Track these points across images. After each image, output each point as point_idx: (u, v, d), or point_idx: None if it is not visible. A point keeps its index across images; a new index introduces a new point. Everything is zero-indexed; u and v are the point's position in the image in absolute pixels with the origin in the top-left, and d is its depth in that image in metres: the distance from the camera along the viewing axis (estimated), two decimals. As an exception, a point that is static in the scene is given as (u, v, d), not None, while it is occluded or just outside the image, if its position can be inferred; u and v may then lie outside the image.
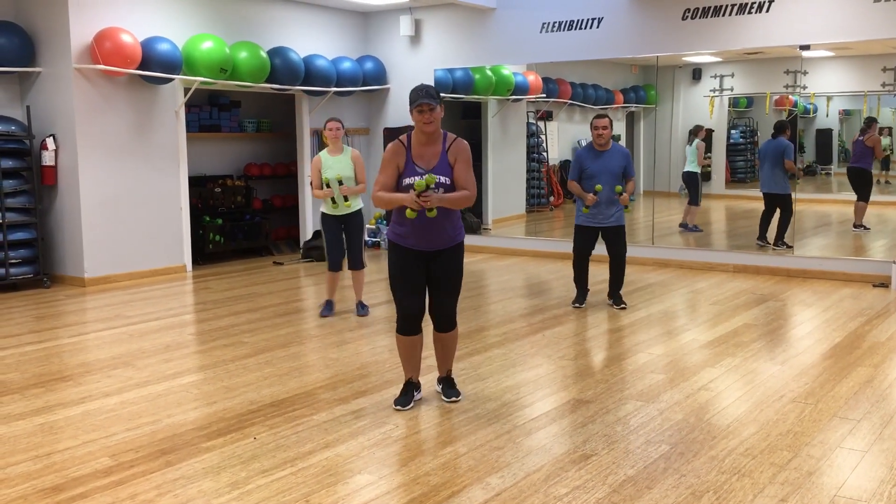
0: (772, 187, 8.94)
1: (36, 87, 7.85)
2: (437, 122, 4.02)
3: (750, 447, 3.67)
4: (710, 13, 8.33)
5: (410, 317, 4.18)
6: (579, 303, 6.76)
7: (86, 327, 6.21)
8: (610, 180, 6.45)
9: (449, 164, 4.07)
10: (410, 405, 4.25)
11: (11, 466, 3.50)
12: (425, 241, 4.11)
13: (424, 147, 4.07)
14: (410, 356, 4.30)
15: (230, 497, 3.19)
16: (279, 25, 9.45)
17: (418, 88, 4.02)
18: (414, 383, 4.34)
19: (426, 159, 4.06)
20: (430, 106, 3.97)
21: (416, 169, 4.03)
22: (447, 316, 4.26)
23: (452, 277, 4.21)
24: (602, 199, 6.50)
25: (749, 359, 5.13)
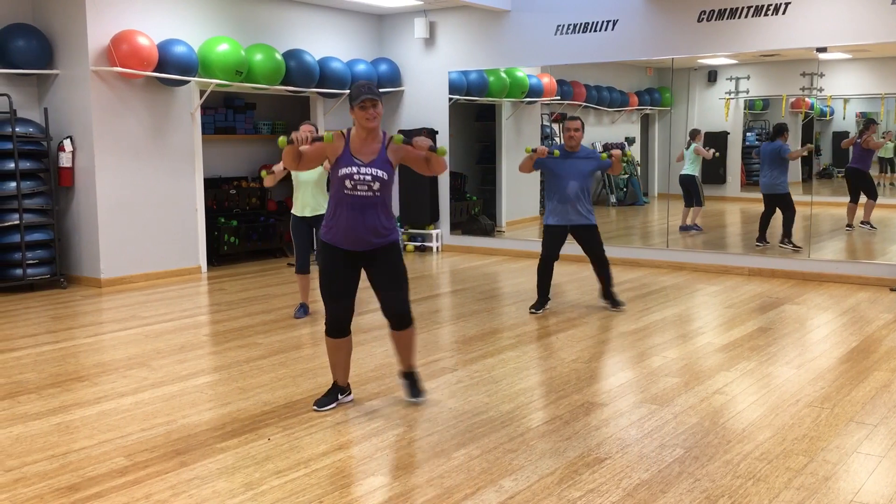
0: (771, 188, 9.03)
1: (54, 90, 7.92)
2: (379, 117, 4.04)
3: (765, 452, 3.65)
4: (725, 15, 8.30)
5: (335, 320, 4.16)
6: (537, 309, 6.61)
7: (102, 328, 6.25)
8: (579, 180, 6.44)
9: (388, 160, 4.07)
10: (332, 406, 4.23)
11: (28, 465, 3.53)
12: (357, 241, 4.08)
13: (364, 143, 4.07)
14: (337, 359, 4.27)
15: (244, 498, 3.21)
16: (294, 28, 9.48)
17: (360, 84, 4.05)
18: (340, 386, 4.31)
19: (365, 154, 4.06)
20: (372, 102, 3.98)
21: (355, 160, 4.02)
22: (400, 313, 4.22)
23: (393, 272, 4.17)
24: (571, 195, 6.45)
25: (764, 363, 5.10)
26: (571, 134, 6.44)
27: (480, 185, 11.32)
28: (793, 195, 9.07)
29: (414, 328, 4.32)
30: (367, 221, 4.04)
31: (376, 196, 4.04)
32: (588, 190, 6.58)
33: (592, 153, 6.57)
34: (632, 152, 11.72)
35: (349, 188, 4.01)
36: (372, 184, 4.01)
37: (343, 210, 4.04)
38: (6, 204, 7.47)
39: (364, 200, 4.02)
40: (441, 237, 10.42)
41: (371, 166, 4.02)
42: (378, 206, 4.06)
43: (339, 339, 4.23)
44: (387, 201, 4.12)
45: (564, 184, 6.43)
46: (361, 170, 4.01)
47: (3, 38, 7.54)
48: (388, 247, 4.15)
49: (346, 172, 4.01)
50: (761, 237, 9.13)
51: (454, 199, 10.57)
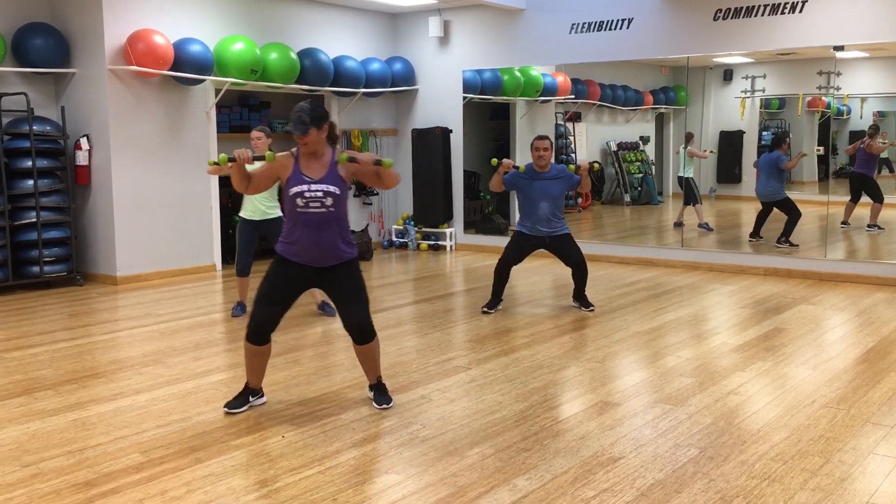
0: (768, 197, 9.25)
1: (70, 88, 7.97)
2: (311, 143, 3.99)
3: (780, 452, 3.63)
4: (741, 13, 8.25)
5: (259, 327, 4.12)
6: (489, 308, 6.56)
7: (117, 325, 6.29)
8: (550, 202, 6.40)
9: (339, 175, 4.04)
10: (244, 408, 4.21)
11: (45, 461, 3.56)
12: (315, 257, 4.06)
13: (311, 160, 4.06)
14: (253, 364, 4.23)
15: (259, 495, 3.22)
16: (309, 27, 9.51)
17: (293, 111, 3.98)
18: (252, 389, 4.28)
19: (314, 171, 4.04)
20: (300, 133, 3.93)
21: (304, 178, 4.01)
22: (361, 329, 4.18)
23: (352, 288, 4.14)
24: (543, 217, 6.42)
25: (780, 363, 5.07)
26: (541, 153, 6.39)
27: (494, 184, 11.31)
28: (809, 195, 9.05)
29: (376, 342, 4.28)
30: (323, 239, 4.03)
31: (330, 212, 4.01)
32: (561, 208, 6.55)
33: (562, 172, 6.49)
34: (646, 152, 11.70)
35: (301, 206, 4.00)
36: (324, 199, 3.99)
37: (299, 229, 4.03)
38: (24, 202, 7.53)
39: (319, 217, 4.00)
40: (455, 236, 10.42)
41: (322, 182, 4.00)
42: (333, 222, 4.04)
43: (259, 347, 4.17)
44: (342, 217, 4.10)
45: (536, 205, 6.41)
46: (312, 186, 3.99)
47: (21, 37, 7.60)
48: (347, 263, 4.14)
49: (298, 191, 3.99)
50: (755, 233, 9.31)
51: (468, 197, 10.57)
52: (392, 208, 10.78)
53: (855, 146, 9.40)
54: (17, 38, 7.61)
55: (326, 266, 4.09)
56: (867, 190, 9.34)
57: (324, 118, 4.01)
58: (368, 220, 10.41)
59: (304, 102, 4.01)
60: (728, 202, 11.17)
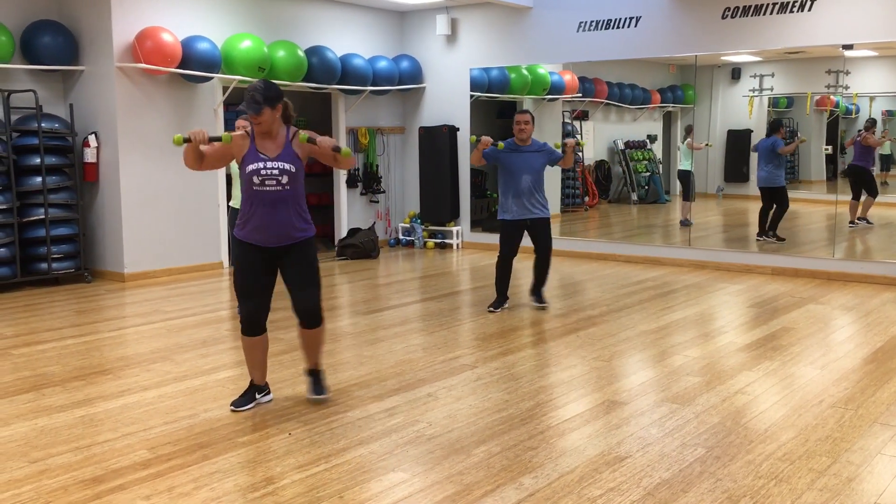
0: (767, 182, 9.25)
1: (79, 86, 8.00)
2: (265, 122, 4.00)
3: (788, 452, 3.62)
4: (750, 12, 8.23)
5: (249, 319, 4.14)
6: (495, 307, 6.55)
7: (125, 322, 6.31)
8: (532, 174, 6.41)
9: (295, 153, 4.06)
10: (250, 406, 4.21)
11: (53, 457, 3.57)
12: (270, 237, 4.07)
13: (267, 139, 4.07)
14: (253, 358, 4.25)
15: (265, 492, 3.23)
16: (316, 25, 9.51)
17: (246, 90, 4.00)
18: (258, 386, 4.29)
19: (270, 149, 4.06)
20: (254, 112, 3.95)
21: (260, 156, 4.02)
22: (310, 312, 4.20)
23: (305, 271, 4.16)
24: (525, 190, 6.41)
25: (787, 363, 5.06)
26: (522, 127, 6.41)
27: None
28: (817, 194, 9.04)
29: (324, 327, 4.29)
30: (279, 217, 4.04)
31: (286, 190, 4.03)
32: (541, 183, 6.54)
33: (544, 146, 6.52)
34: (653, 151, 11.67)
35: (257, 184, 4.01)
36: (280, 178, 4.00)
37: (255, 207, 4.04)
38: (32, 199, 7.56)
39: (274, 195, 4.01)
40: (461, 234, 10.42)
41: (277, 160, 4.02)
42: (289, 200, 4.05)
43: (254, 338, 4.20)
44: (298, 195, 4.11)
45: (518, 178, 6.40)
46: (268, 164, 4.00)
47: (30, 34, 7.62)
48: (303, 243, 4.15)
49: (253, 168, 4.01)
50: (762, 232, 9.30)
51: (474, 195, 10.56)
52: (399, 206, 10.78)
53: (852, 139, 9.48)
54: (26, 36, 7.63)
55: (283, 245, 4.10)
56: (863, 183, 9.42)
57: (277, 97, 4.03)
58: (375, 217, 10.42)
59: (258, 81, 4.03)
60: (736, 201, 11.13)
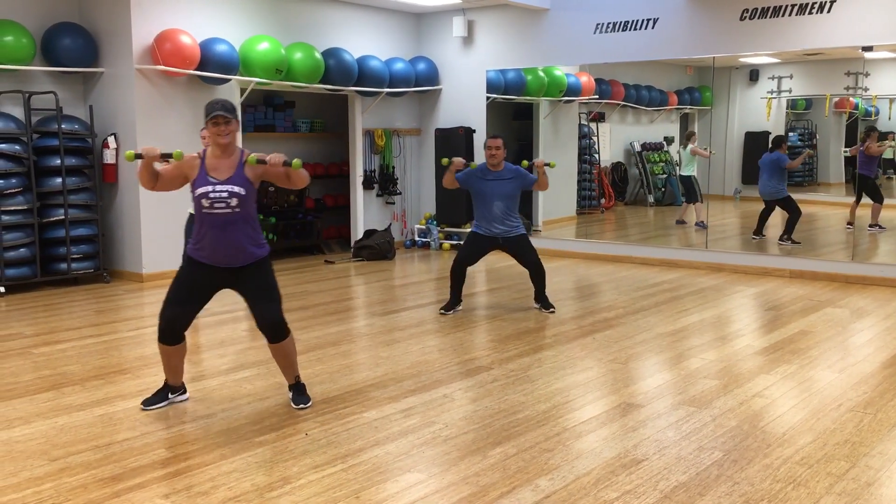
0: (771, 196, 9.47)
1: (99, 87, 8.07)
2: (231, 134, 4.02)
3: (806, 456, 3.60)
4: (769, 13, 8.18)
5: (168, 327, 4.14)
6: (446, 310, 6.52)
7: (143, 321, 6.35)
8: (504, 201, 6.39)
9: (245, 177, 4.05)
10: (162, 405, 4.23)
11: (72, 455, 3.61)
12: (223, 258, 4.07)
13: (219, 160, 4.06)
14: (169, 363, 4.25)
15: (282, 491, 3.24)
16: (333, 27, 9.55)
17: (214, 101, 4.04)
18: (171, 386, 4.30)
19: (220, 172, 4.05)
20: (224, 118, 3.97)
21: (210, 179, 4.02)
22: (273, 326, 4.19)
23: (262, 287, 4.16)
24: (497, 216, 6.40)
25: (805, 366, 5.03)
26: (493, 153, 6.39)
27: (517, 184, 11.29)
28: (836, 197, 9.00)
29: (291, 340, 4.28)
30: (230, 238, 4.04)
31: (236, 213, 4.03)
32: (516, 207, 6.52)
33: (517, 172, 6.47)
34: (669, 152, 11.63)
35: (206, 207, 4.01)
36: (229, 200, 4.00)
37: (206, 229, 4.05)
38: (52, 199, 7.63)
39: (224, 218, 4.02)
40: (477, 236, 10.40)
41: (227, 183, 4.01)
42: (239, 222, 4.05)
43: (171, 347, 4.19)
44: (249, 217, 4.10)
45: (489, 204, 6.39)
46: (217, 188, 4.00)
47: (50, 36, 7.70)
48: (257, 263, 4.15)
49: (202, 192, 4.01)
50: (758, 231, 9.53)
51: (491, 197, 10.55)
52: (415, 208, 10.80)
53: (856, 148, 9.46)
54: (47, 38, 7.71)
55: (236, 266, 4.11)
56: (867, 190, 9.42)
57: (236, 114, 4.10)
58: (391, 219, 10.45)
59: (219, 98, 4.09)
60: (753, 203, 11.04)
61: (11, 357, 5.28)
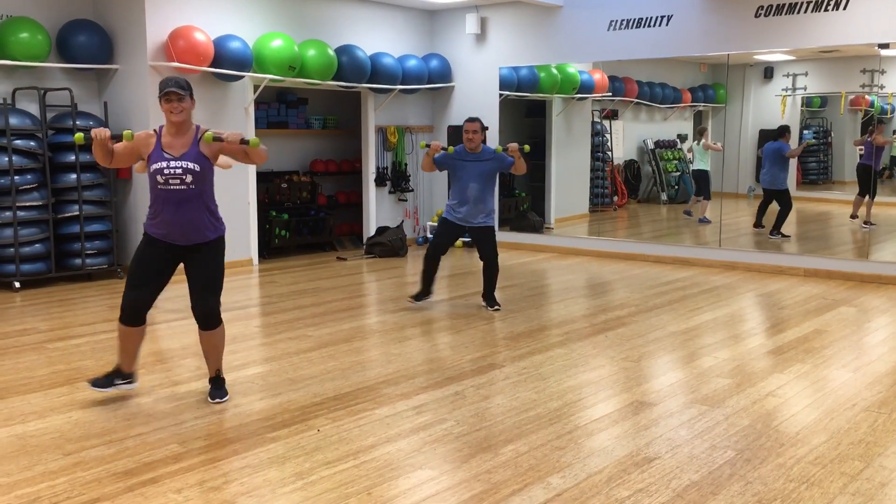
0: (772, 184, 9.56)
1: (113, 84, 8.11)
2: (185, 111, 4.04)
3: (819, 456, 3.58)
4: (784, 10, 8.13)
5: (130, 308, 4.17)
6: (416, 299, 6.57)
7: (157, 317, 6.37)
8: (481, 182, 6.38)
9: (201, 153, 4.07)
10: (108, 389, 4.24)
11: (87, 450, 3.63)
12: (179, 235, 4.10)
13: (174, 137, 4.08)
14: (125, 346, 4.27)
15: (294, 487, 3.25)
16: (347, 24, 9.55)
17: (168, 78, 4.06)
18: (122, 372, 4.31)
19: (176, 148, 4.07)
20: (178, 95, 3.99)
21: (165, 155, 4.04)
22: (207, 314, 4.23)
23: (208, 273, 4.19)
24: (471, 198, 6.39)
25: (819, 365, 5.00)
26: (470, 136, 6.40)
27: (529, 182, 11.27)
28: (852, 195, 8.95)
29: (222, 329, 4.31)
30: (184, 215, 4.07)
31: (191, 189, 4.05)
32: (491, 191, 6.50)
33: (494, 154, 6.46)
34: (683, 150, 11.57)
35: (161, 183, 4.04)
36: (184, 177, 4.03)
37: (161, 205, 4.08)
38: (67, 195, 7.67)
39: (179, 194, 4.04)
40: (489, 233, 10.39)
41: (182, 159, 4.04)
42: (194, 199, 4.07)
43: (132, 328, 4.22)
44: (205, 194, 4.13)
45: (465, 186, 6.39)
46: (171, 164, 4.03)
47: (65, 33, 7.74)
48: (212, 243, 4.19)
49: (157, 167, 4.04)
50: (758, 223, 9.67)
51: (503, 195, 10.54)
52: (427, 204, 10.80)
53: (863, 139, 9.53)
54: (62, 35, 7.75)
55: (191, 244, 4.13)
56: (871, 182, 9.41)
57: (192, 92, 4.11)
58: (403, 216, 10.45)
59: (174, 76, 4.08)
60: (767, 202, 10.99)
61: (26, 352, 5.32)
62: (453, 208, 6.50)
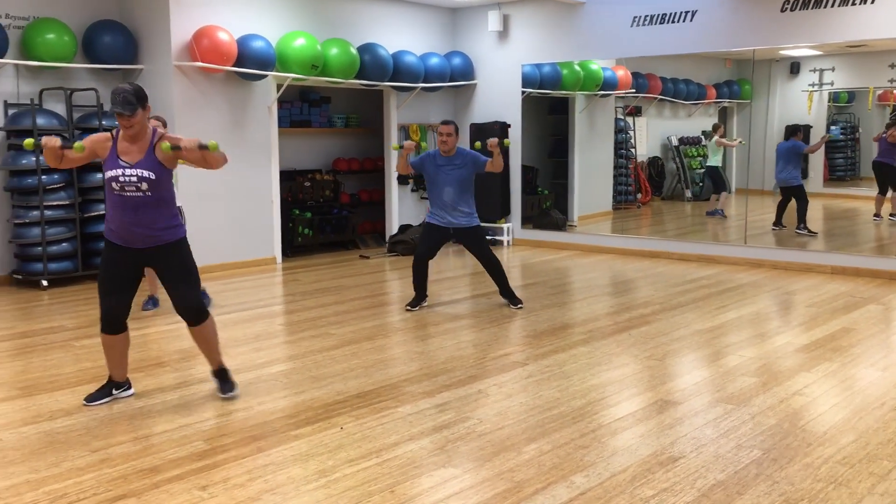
0: (785, 182, 9.57)
1: (138, 84, 8.16)
2: (137, 125, 3.99)
3: (848, 455, 3.53)
4: (810, 5, 8.03)
5: (108, 316, 4.15)
6: (412, 306, 6.47)
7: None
8: (456, 183, 6.31)
9: (156, 160, 4.02)
10: (105, 400, 4.23)
11: (113, 447, 3.67)
12: (135, 240, 4.07)
13: (130, 143, 4.05)
14: (111, 356, 4.26)
15: (318, 485, 3.26)
16: (369, 22, 9.57)
17: (116, 92, 3.96)
18: (115, 382, 4.30)
19: (131, 155, 4.03)
20: (126, 116, 3.94)
21: (120, 162, 4.00)
22: (190, 309, 4.21)
23: (178, 270, 4.16)
24: (448, 203, 6.33)
25: (847, 364, 4.93)
26: (444, 139, 6.31)
27: (552, 179, 11.24)
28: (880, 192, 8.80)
29: (210, 323, 4.29)
30: (141, 220, 4.03)
31: (147, 196, 4.01)
32: (469, 194, 6.42)
33: (468, 157, 6.37)
34: (707, 146, 11.47)
35: (117, 190, 4.01)
36: (139, 184, 3.99)
37: (117, 210, 4.04)
38: (92, 195, 7.75)
39: (136, 200, 4.01)
40: (512, 231, 10.39)
41: (137, 167, 4.00)
42: (151, 204, 4.03)
43: (112, 336, 4.21)
44: (162, 200, 4.08)
45: (440, 190, 6.33)
46: (126, 171, 3.99)
47: (91, 34, 7.82)
48: (173, 244, 4.14)
49: (112, 175, 4.00)
50: (777, 222, 9.62)
51: (525, 192, 10.52)
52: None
53: (879, 135, 9.44)
54: (88, 36, 7.84)
55: (150, 247, 4.11)
56: (888, 179, 9.34)
57: (146, 98, 4.07)
58: (426, 214, 10.44)
59: (125, 84, 4.05)
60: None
61: (54, 350, 5.38)
62: (434, 213, 6.47)
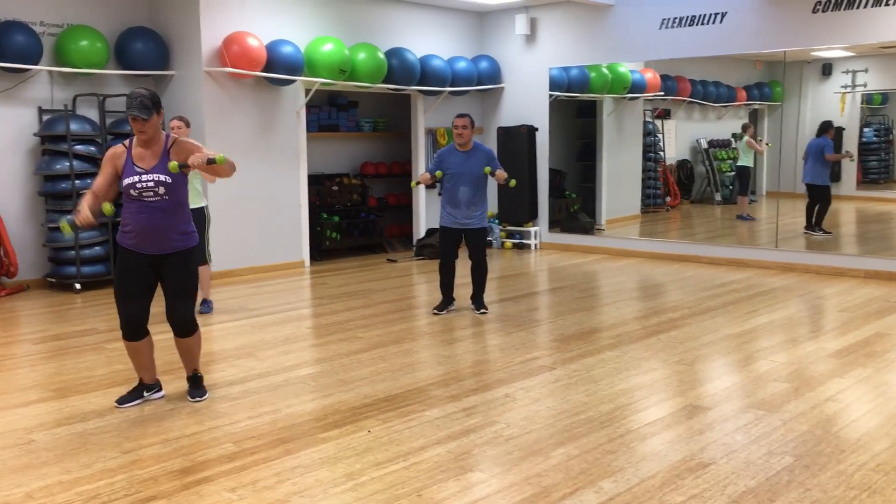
0: (814, 179, 9.46)
1: (169, 90, 8.28)
2: (149, 131, 4.02)
3: (882, 463, 3.47)
4: (843, 5, 7.92)
5: (129, 323, 4.17)
6: (440, 310, 6.47)
7: (211, 318, 6.49)
8: (471, 180, 6.28)
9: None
10: (136, 402, 4.28)
11: (143, 448, 3.71)
12: (150, 245, 4.09)
13: (144, 149, 4.07)
14: (138, 361, 4.29)
15: (345, 488, 3.27)
16: (396, 27, 9.60)
17: (132, 97, 3.99)
18: (146, 384, 4.34)
19: (146, 160, 4.05)
20: (141, 119, 3.96)
21: (136, 169, 4.03)
22: (181, 322, 4.25)
23: (180, 282, 4.18)
24: (462, 201, 6.31)
25: (881, 370, 4.85)
26: (459, 131, 6.29)
27: (580, 183, 11.20)
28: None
29: (197, 336, 4.35)
30: (158, 226, 4.07)
31: (164, 200, 4.05)
32: (483, 192, 6.41)
33: (484, 150, 6.39)
34: (738, 150, 11.36)
35: (136, 196, 4.04)
36: (157, 189, 4.03)
37: (134, 216, 4.07)
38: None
39: (153, 205, 4.05)
40: (539, 235, 10.36)
41: (153, 172, 4.03)
42: (169, 210, 4.07)
43: (135, 342, 4.25)
44: (178, 205, 4.12)
45: (457, 188, 6.31)
46: (143, 177, 4.03)
47: (123, 41, 7.94)
48: (184, 252, 4.17)
49: (130, 182, 4.04)
50: (808, 226, 9.49)
51: (553, 196, 10.49)
52: (477, 207, 10.77)
53: None
54: (120, 42, 7.95)
55: (163, 254, 4.14)
56: None
57: (160, 104, 4.11)
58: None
59: (140, 89, 4.07)
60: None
61: (86, 352, 5.46)
62: (447, 212, 6.46)
